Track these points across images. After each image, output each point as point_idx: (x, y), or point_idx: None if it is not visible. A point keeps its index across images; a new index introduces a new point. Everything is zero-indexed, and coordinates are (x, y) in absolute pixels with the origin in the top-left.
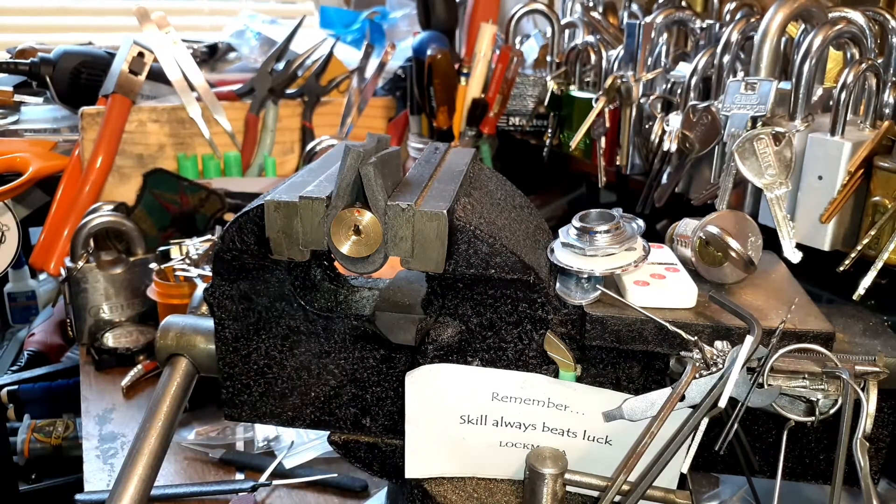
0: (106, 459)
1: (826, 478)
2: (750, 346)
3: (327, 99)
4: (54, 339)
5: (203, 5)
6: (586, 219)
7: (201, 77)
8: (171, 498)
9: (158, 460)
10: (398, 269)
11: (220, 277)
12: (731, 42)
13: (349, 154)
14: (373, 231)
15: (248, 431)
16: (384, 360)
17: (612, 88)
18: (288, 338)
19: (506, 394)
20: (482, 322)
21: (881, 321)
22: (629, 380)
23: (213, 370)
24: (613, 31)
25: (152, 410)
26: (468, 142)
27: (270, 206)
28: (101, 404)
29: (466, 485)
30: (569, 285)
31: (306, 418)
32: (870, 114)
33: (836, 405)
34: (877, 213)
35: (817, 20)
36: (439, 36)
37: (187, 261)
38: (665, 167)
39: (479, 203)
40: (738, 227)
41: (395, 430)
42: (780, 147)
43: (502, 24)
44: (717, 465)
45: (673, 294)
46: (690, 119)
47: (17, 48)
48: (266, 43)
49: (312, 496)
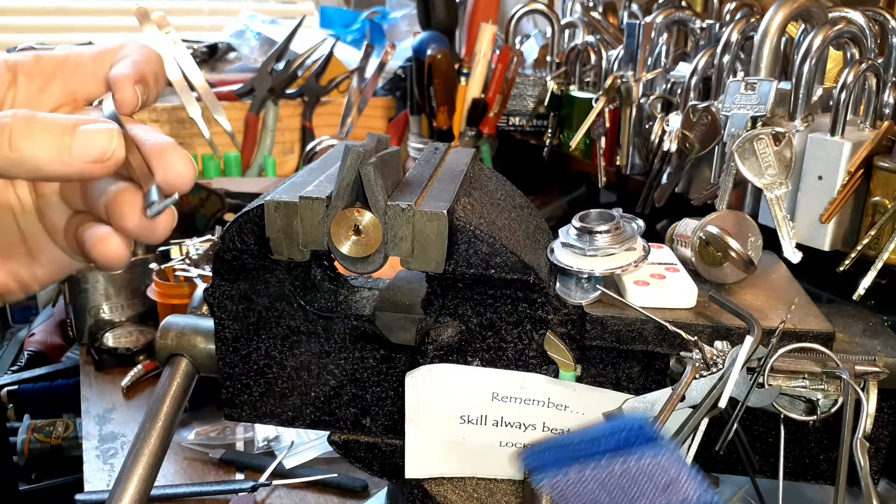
0: (106, 459)
1: (826, 478)
2: (750, 346)
3: (327, 99)
4: (54, 339)
5: (203, 5)
6: (586, 219)
7: (201, 77)
8: (171, 498)
9: (158, 460)
10: (398, 269)
11: (220, 277)
12: (731, 42)
13: (349, 154)
14: (373, 231)
15: (248, 431)
16: (384, 360)
17: (612, 88)
18: (288, 338)
19: (506, 394)
20: (482, 322)
21: (881, 321)
22: (629, 380)
23: (213, 370)
24: (613, 31)
25: (152, 410)
26: (468, 142)
27: (270, 206)
28: (101, 404)
29: (466, 485)
30: (569, 285)
31: (306, 418)
32: (870, 114)
33: (836, 405)
34: (877, 213)
35: (817, 20)
36: (439, 36)
37: (187, 261)
38: (665, 167)
39: (479, 203)
40: (738, 227)
41: (395, 430)
42: (780, 147)
43: (502, 24)
44: (717, 465)
45: (673, 294)
46: (690, 119)
47: (17, 48)
48: (266, 43)
49: (312, 496)
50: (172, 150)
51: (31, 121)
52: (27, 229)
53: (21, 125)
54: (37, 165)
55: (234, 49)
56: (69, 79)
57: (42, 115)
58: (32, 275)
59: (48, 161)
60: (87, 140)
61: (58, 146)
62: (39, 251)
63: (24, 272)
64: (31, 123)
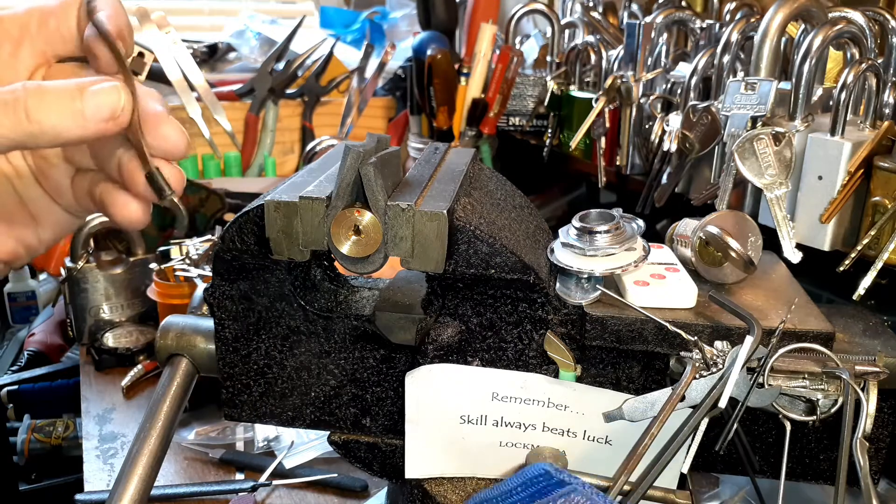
0: (106, 459)
1: (825, 478)
2: (750, 346)
3: (327, 99)
4: (54, 339)
5: (203, 5)
6: (586, 219)
7: (201, 77)
8: (171, 498)
9: (158, 460)
10: (398, 269)
11: (220, 277)
12: (731, 42)
13: (349, 154)
14: (373, 231)
15: (248, 431)
16: (384, 360)
17: (612, 88)
18: (288, 338)
19: (506, 394)
20: (482, 322)
21: (881, 321)
22: (629, 380)
23: (213, 370)
24: (613, 31)
25: (152, 410)
26: (468, 142)
27: (270, 206)
28: (101, 404)
29: (466, 485)
30: (569, 285)
31: (306, 418)
32: (870, 114)
33: (836, 405)
34: (877, 213)
35: (817, 20)
36: (439, 36)
37: (187, 261)
38: (665, 167)
39: (479, 203)
40: (738, 227)
41: (395, 430)
42: (780, 147)
43: (502, 24)
44: (717, 465)
45: (673, 294)
46: (690, 119)
47: None
48: (266, 43)
49: (312, 496)
50: (166, 122)
51: (42, 91)
52: (26, 194)
53: (34, 97)
54: (57, 133)
55: (234, 49)
56: (36, 39)
57: (50, 84)
58: (37, 238)
59: (67, 127)
60: (97, 100)
61: (71, 111)
62: (41, 214)
63: (29, 236)
64: (42, 94)
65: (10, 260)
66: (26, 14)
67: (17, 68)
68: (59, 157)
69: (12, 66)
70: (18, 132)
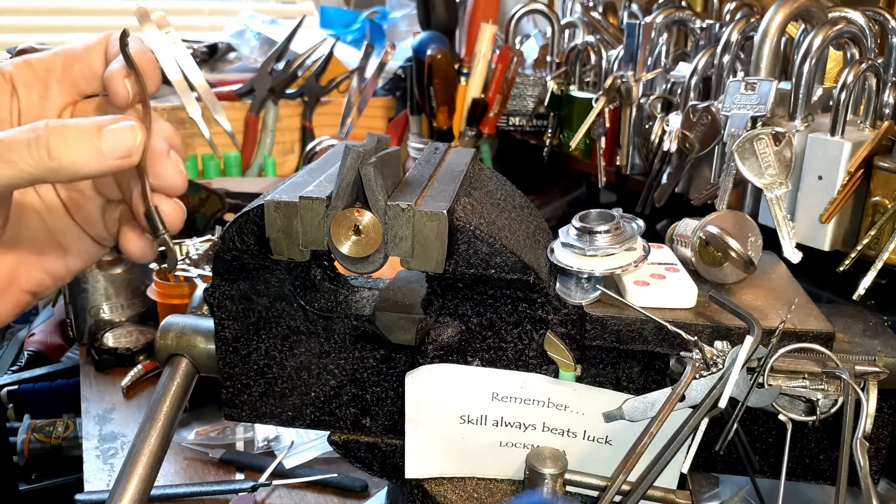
0: (106, 459)
1: (825, 478)
2: (750, 346)
3: (327, 99)
4: (54, 339)
5: (203, 5)
6: (586, 219)
7: (201, 77)
8: (171, 498)
9: (158, 460)
10: (398, 269)
11: (220, 277)
12: (731, 42)
13: (349, 154)
14: (373, 231)
15: (248, 431)
16: (384, 360)
17: (612, 88)
18: (288, 338)
19: (506, 394)
20: (482, 322)
21: (881, 321)
22: (629, 380)
23: (213, 370)
24: (613, 31)
25: (152, 410)
26: (468, 142)
27: (270, 206)
28: (101, 404)
29: (466, 485)
30: (569, 285)
31: (306, 418)
32: (870, 114)
33: (836, 405)
34: (877, 213)
35: (817, 20)
36: (439, 36)
37: (187, 261)
38: (665, 167)
39: (479, 203)
40: (738, 227)
41: (395, 430)
42: (780, 147)
43: (502, 24)
44: (717, 465)
45: (673, 294)
46: (690, 119)
47: (17, 48)
48: (266, 43)
49: (312, 496)
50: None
51: (64, 129)
52: (55, 225)
53: (56, 135)
54: (76, 169)
55: (234, 49)
56: (63, 81)
57: (72, 123)
58: (66, 267)
59: (85, 163)
60: (114, 139)
61: (90, 148)
62: (71, 244)
63: (58, 266)
64: (64, 132)
65: (38, 291)
66: (52, 58)
67: (47, 108)
68: (91, 189)
69: (41, 108)
70: (40, 168)
